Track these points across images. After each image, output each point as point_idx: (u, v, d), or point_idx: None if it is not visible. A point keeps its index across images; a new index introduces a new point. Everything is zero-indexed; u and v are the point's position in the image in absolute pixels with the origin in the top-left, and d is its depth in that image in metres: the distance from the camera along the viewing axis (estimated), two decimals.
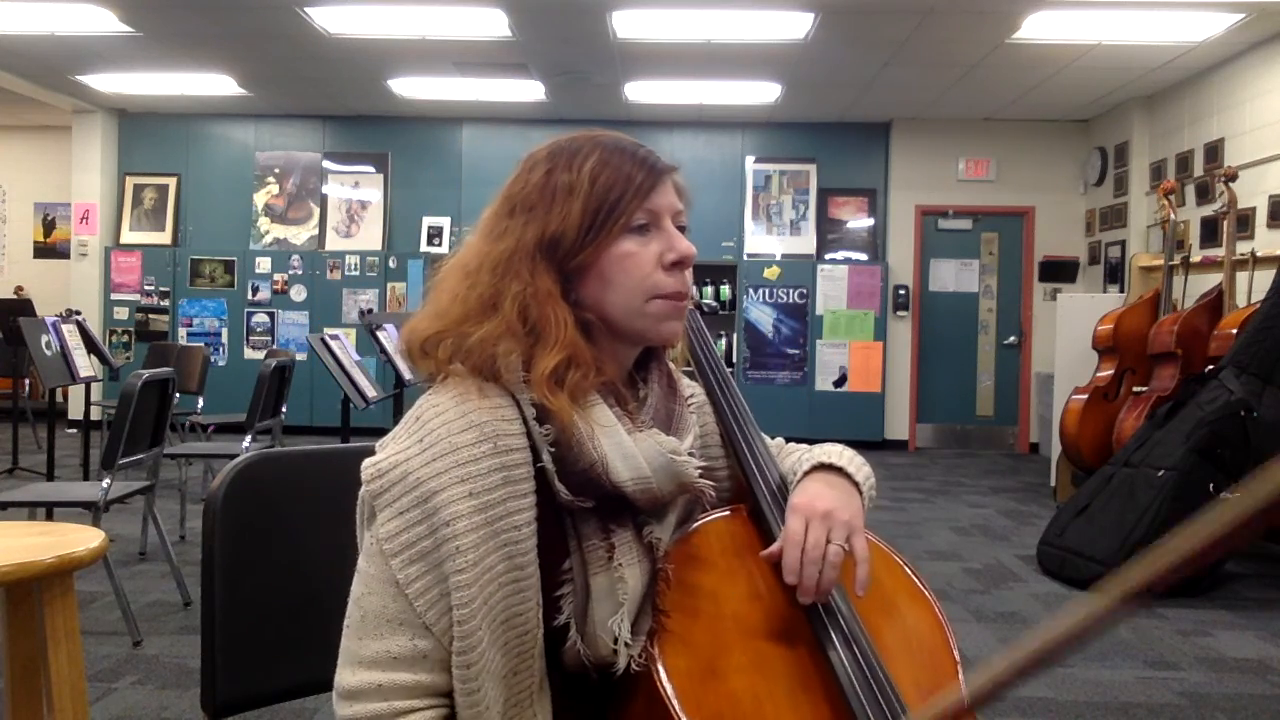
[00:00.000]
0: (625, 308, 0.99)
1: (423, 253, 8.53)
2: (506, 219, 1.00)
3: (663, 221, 1.00)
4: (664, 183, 1.01)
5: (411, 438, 0.92)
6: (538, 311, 0.95)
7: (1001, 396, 8.61)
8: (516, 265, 0.97)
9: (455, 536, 0.88)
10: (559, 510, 0.94)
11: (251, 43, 6.63)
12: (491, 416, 0.92)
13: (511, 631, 0.91)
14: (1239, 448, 4.20)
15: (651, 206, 0.99)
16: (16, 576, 1.83)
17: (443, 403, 0.93)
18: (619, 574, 0.93)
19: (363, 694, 0.90)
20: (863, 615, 0.98)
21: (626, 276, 0.98)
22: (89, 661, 3.05)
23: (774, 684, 0.93)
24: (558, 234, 0.97)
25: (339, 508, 0.97)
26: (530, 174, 1.01)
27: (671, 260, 0.99)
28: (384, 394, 4.99)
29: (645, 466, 0.94)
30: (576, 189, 0.97)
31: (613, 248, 0.98)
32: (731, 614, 0.98)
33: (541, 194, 0.99)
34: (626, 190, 0.98)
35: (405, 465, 0.90)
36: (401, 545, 0.89)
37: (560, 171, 0.99)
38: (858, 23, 5.94)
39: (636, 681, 0.93)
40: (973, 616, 3.81)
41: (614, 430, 0.95)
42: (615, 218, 0.97)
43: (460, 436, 0.90)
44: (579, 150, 1.00)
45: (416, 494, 0.89)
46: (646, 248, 0.99)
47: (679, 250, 1.00)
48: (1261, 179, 6.00)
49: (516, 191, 1.01)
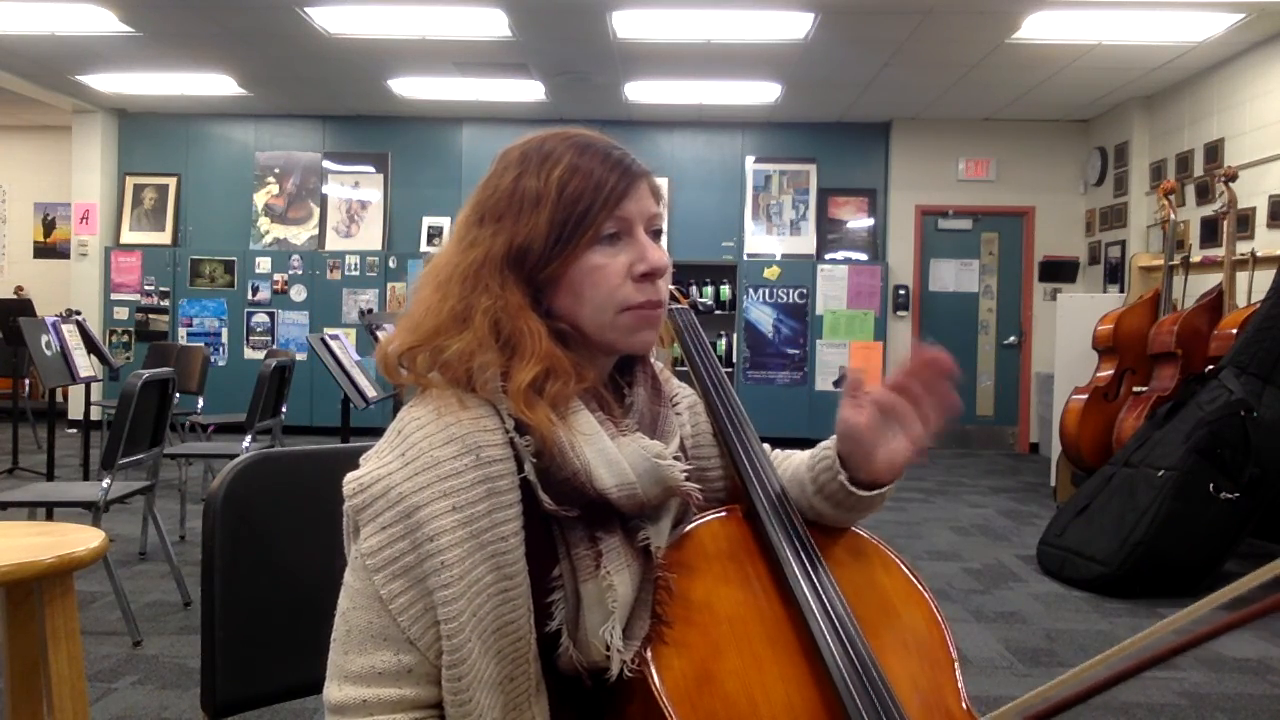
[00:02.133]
0: (595, 320, 0.97)
1: (423, 253, 8.53)
2: (476, 227, 0.98)
3: (634, 230, 0.97)
4: (637, 188, 0.97)
5: (394, 451, 0.91)
6: (510, 325, 0.93)
7: (1001, 396, 8.61)
8: (486, 277, 0.95)
9: (440, 551, 0.87)
10: (545, 517, 0.93)
11: (251, 43, 6.63)
12: (473, 428, 0.91)
13: (505, 640, 0.90)
14: (1239, 448, 4.20)
15: (622, 214, 0.96)
16: (16, 576, 1.83)
17: (423, 415, 0.92)
18: (607, 582, 0.92)
19: (349, 709, 0.89)
20: (859, 614, 0.98)
21: (595, 290, 0.96)
22: (89, 661, 3.05)
23: (769, 687, 0.93)
24: (525, 245, 0.95)
25: (339, 508, 0.97)
26: (500, 178, 0.99)
27: (641, 272, 0.97)
28: (384, 394, 4.99)
29: (629, 472, 0.93)
30: (544, 198, 0.95)
31: (581, 260, 0.95)
32: (726, 617, 0.97)
33: (510, 202, 0.97)
34: (596, 199, 0.95)
35: (387, 480, 0.89)
36: (384, 560, 0.89)
37: (529, 178, 0.96)
38: (858, 23, 5.94)
39: (631, 686, 0.93)
40: (973, 616, 3.81)
41: (596, 437, 0.94)
42: (584, 229, 0.94)
43: (442, 450, 0.89)
44: (549, 155, 0.97)
45: (399, 509, 0.88)
46: (615, 259, 0.96)
47: (649, 261, 0.97)
48: (1261, 179, 6.00)
49: (485, 198, 0.99)
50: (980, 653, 3.41)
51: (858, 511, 1.06)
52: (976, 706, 0.99)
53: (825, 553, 1.03)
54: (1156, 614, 3.86)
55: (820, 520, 1.08)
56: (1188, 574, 4.11)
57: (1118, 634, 3.62)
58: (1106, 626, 3.72)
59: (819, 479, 1.05)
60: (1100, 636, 3.59)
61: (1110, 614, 3.89)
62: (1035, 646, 3.48)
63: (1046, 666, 3.28)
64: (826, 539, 1.07)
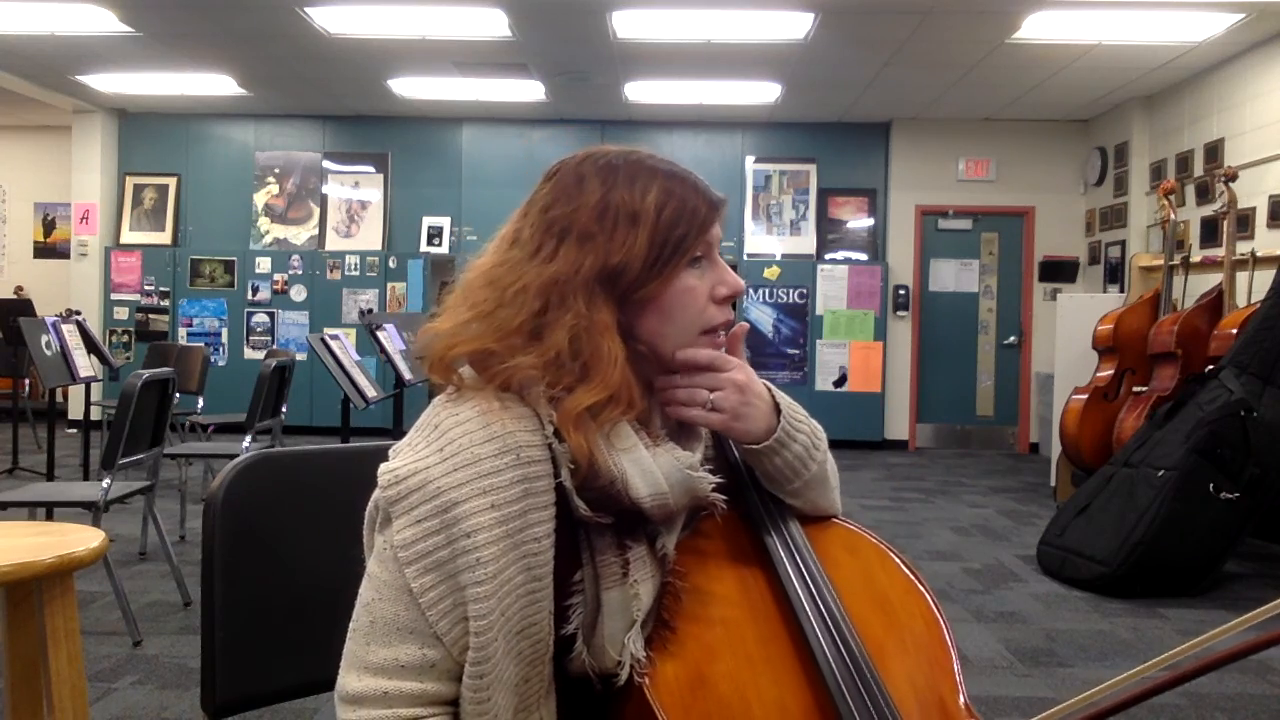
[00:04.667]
0: (678, 342, 0.98)
1: (423, 253, 8.53)
2: (555, 241, 0.96)
3: (714, 253, 1.00)
4: (719, 215, 1.01)
5: (431, 446, 0.91)
6: (590, 345, 0.93)
7: (1001, 396, 8.61)
8: (570, 294, 0.93)
9: (476, 548, 0.87)
10: (573, 522, 0.93)
11: (251, 43, 6.63)
12: (514, 428, 0.91)
13: (525, 641, 0.91)
14: (1239, 448, 4.20)
15: (708, 239, 0.99)
16: (16, 576, 1.83)
17: (463, 412, 0.92)
18: (634, 591, 0.93)
19: (367, 700, 0.89)
20: (854, 613, 0.98)
21: (685, 311, 0.98)
22: (89, 661, 3.05)
23: (763, 689, 0.93)
24: (620, 265, 0.94)
25: (339, 508, 0.97)
26: (581, 194, 0.97)
27: (724, 295, 1.00)
28: (384, 394, 4.99)
29: (663, 482, 0.94)
30: (642, 218, 0.95)
31: (675, 282, 0.97)
32: (720, 618, 0.97)
33: (600, 220, 0.95)
34: (692, 224, 0.97)
35: (425, 473, 0.89)
36: (417, 554, 0.89)
37: (619, 195, 0.96)
38: (858, 23, 5.94)
39: (628, 689, 0.93)
40: (973, 616, 3.81)
41: (634, 448, 0.94)
42: (681, 252, 0.96)
43: (483, 448, 0.90)
44: (636, 175, 0.98)
45: (436, 503, 0.88)
46: (703, 281, 0.99)
47: (730, 285, 1.00)
48: (1261, 179, 6.00)
49: (566, 212, 0.97)
50: (980, 653, 3.41)
51: (782, 478, 1.04)
52: (976, 706, 0.99)
53: (821, 551, 1.03)
54: (1156, 614, 3.86)
55: (798, 508, 1.07)
56: (1188, 574, 4.11)
57: (1118, 634, 3.62)
58: (1106, 626, 3.72)
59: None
60: (1100, 636, 3.59)
61: (1110, 614, 3.88)
62: (1035, 646, 3.48)
63: (1046, 666, 3.28)
64: (823, 538, 1.07)
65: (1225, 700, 3.00)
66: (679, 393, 1.00)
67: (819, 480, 1.06)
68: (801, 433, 1.03)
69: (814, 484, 1.06)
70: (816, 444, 1.06)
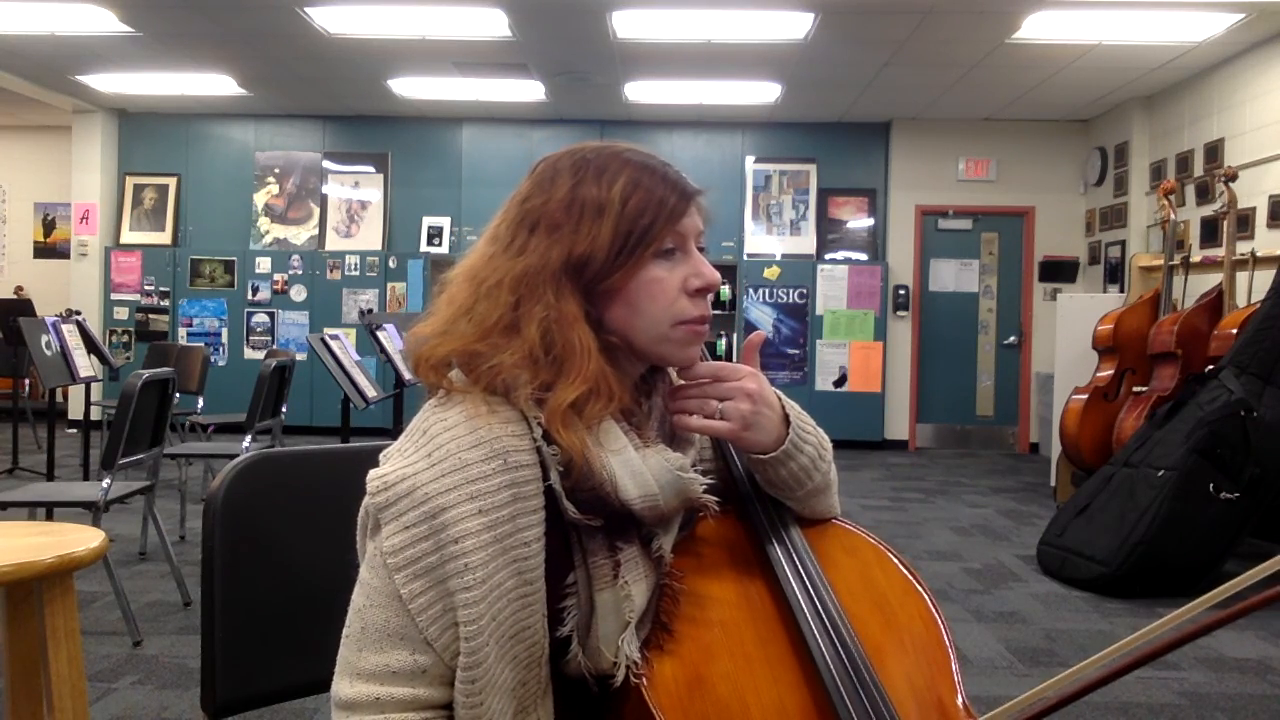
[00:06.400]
0: (650, 333, 0.98)
1: (423, 253, 8.53)
2: (527, 233, 0.97)
3: (688, 245, 0.99)
4: (692, 206, 1.00)
5: (419, 452, 0.91)
6: (562, 337, 0.93)
7: (1001, 396, 8.62)
8: (540, 286, 0.94)
9: (464, 554, 0.87)
10: (564, 524, 0.93)
11: (251, 43, 6.63)
12: (502, 433, 0.91)
13: (519, 645, 0.91)
14: (1239, 448, 4.21)
15: (680, 230, 0.98)
16: (16, 576, 1.83)
17: (451, 417, 0.92)
18: (625, 592, 0.93)
19: (360, 706, 0.89)
20: (853, 614, 0.98)
21: (653, 303, 0.97)
22: (89, 661, 3.05)
23: (761, 690, 0.93)
24: (585, 255, 0.95)
25: (339, 508, 0.97)
26: (553, 187, 0.98)
27: (696, 287, 0.98)
28: (384, 394, 4.99)
29: (654, 484, 0.94)
30: (607, 209, 0.95)
31: (641, 273, 0.96)
32: (718, 619, 0.97)
33: (568, 211, 0.96)
34: (659, 214, 0.96)
35: (413, 480, 0.89)
36: (406, 560, 0.89)
37: (587, 188, 0.96)
38: (858, 23, 5.94)
39: (625, 691, 0.93)
40: (973, 616, 3.81)
41: (623, 450, 0.94)
42: (646, 242, 0.95)
43: (470, 453, 0.89)
44: (606, 167, 0.98)
45: (424, 509, 0.88)
46: (673, 273, 0.98)
47: (705, 277, 0.99)
48: (1261, 179, 6.00)
49: (538, 205, 0.98)
50: (980, 653, 3.41)
51: (786, 486, 1.04)
52: (976, 706, 0.98)
53: (819, 552, 1.03)
54: (1156, 614, 3.86)
55: (798, 511, 1.07)
56: (1188, 574, 4.11)
57: (1118, 634, 3.62)
58: (1106, 626, 3.72)
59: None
60: (1100, 636, 3.59)
61: (1110, 614, 3.89)
62: (1035, 646, 3.48)
63: (1046, 666, 3.28)
64: (821, 538, 1.07)
65: (1225, 700, 3.00)
66: (689, 402, 1.00)
67: (822, 488, 1.07)
68: (809, 443, 1.04)
69: (816, 492, 1.06)
70: (823, 454, 1.06)
